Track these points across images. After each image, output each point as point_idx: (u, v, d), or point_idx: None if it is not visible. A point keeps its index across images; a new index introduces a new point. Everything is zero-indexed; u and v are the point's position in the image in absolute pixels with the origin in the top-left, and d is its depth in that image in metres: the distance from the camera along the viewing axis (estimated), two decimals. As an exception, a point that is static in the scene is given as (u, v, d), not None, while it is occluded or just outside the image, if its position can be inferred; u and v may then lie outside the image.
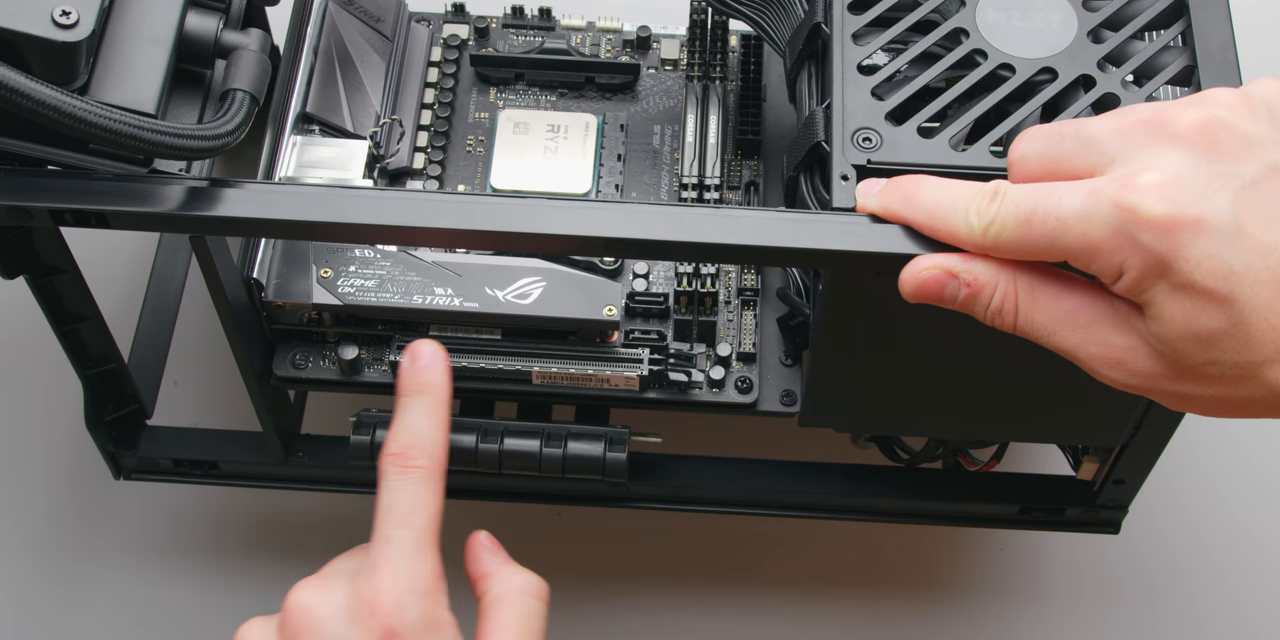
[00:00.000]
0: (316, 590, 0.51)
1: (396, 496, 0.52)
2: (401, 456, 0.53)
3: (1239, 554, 0.76)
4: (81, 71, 0.51)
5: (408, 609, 0.50)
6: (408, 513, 0.52)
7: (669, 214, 0.52)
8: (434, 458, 0.53)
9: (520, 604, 0.53)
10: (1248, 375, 0.47)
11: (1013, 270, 0.49)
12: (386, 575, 0.50)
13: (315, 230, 0.53)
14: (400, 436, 0.53)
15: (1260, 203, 0.46)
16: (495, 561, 0.54)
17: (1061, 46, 0.56)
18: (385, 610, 0.50)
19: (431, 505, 0.53)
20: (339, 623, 0.50)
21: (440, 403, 0.54)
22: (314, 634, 0.50)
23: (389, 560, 0.51)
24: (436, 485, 0.53)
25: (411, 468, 0.53)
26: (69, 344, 0.63)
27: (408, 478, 0.53)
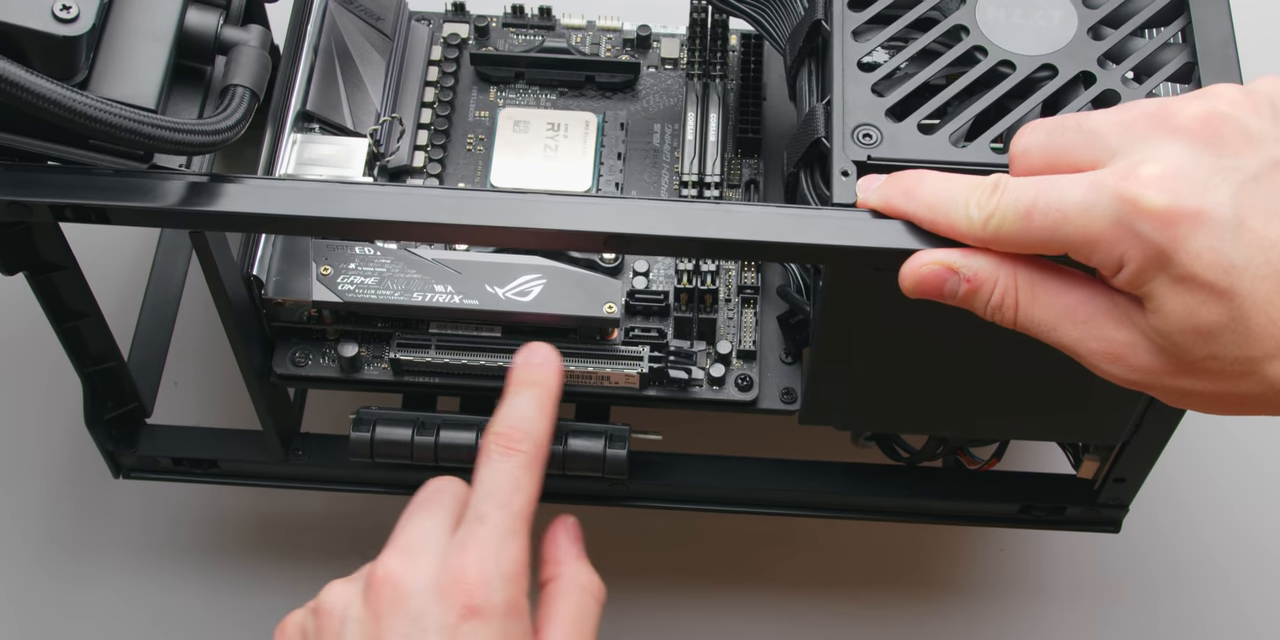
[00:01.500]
0: (404, 563, 0.51)
1: (497, 476, 0.53)
2: (507, 437, 0.54)
3: (1240, 553, 0.76)
4: (82, 66, 0.51)
5: (494, 591, 0.50)
6: (507, 494, 0.52)
7: (669, 209, 0.52)
8: (537, 444, 0.54)
9: (581, 602, 0.54)
10: (1248, 371, 0.47)
11: (1013, 265, 0.49)
12: (476, 555, 0.51)
13: (315, 225, 0.53)
14: (508, 419, 0.54)
15: (1261, 197, 0.46)
16: (570, 553, 0.55)
17: (1061, 43, 0.56)
18: (472, 589, 0.50)
19: (529, 490, 0.53)
20: (425, 597, 0.50)
21: (550, 396, 0.55)
22: (399, 608, 0.50)
23: (482, 540, 0.51)
24: (536, 472, 0.53)
25: (515, 450, 0.53)
26: (68, 341, 0.63)
27: (510, 459, 0.53)
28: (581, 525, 0.56)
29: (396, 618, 0.50)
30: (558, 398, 0.56)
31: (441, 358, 0.62)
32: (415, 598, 0.50)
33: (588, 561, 0.55)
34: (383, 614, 0.50)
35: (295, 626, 0.53)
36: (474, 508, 0.52)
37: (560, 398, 0.56)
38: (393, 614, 0.50)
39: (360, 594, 0.51)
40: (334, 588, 0.53)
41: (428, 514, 0.53)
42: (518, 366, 0.56)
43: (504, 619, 0.50)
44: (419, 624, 0.50)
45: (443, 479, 0.55)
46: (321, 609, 0.52)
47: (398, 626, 0.50)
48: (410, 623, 0.50)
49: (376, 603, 0.51)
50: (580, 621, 0.53)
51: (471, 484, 0.53)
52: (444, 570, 0.50)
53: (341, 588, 0.52)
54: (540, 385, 0.55)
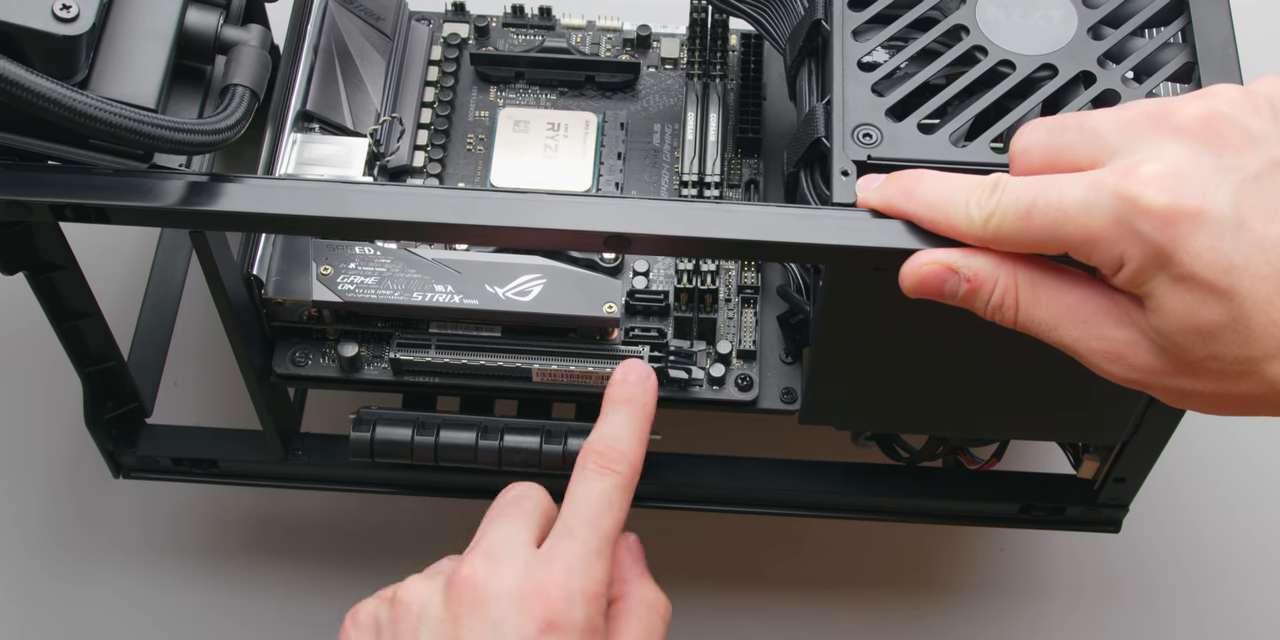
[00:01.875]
0: (488, 567, 0.51)
1: (591, 495, 0.53)
2: (604, 456, 0.54)
3: (1240, 553, 0.76)
4: (82, 66, 0.51)
5: (575, 607, 0.50)
6: (597, 513, 0.53)
7: (669, 209, 0.52)
8: (632, 467, 0.54)
9: (648, 621, 0.54)
10: (1248, 371, 0.47)
11: (1013, 265, 0.49)
12: (562, 571, 0.51)
13: (316, 225, 0.53)
14: (606, 438, 0.55)
15: (1262, 197, 0.46)
16: (634, 571, 0.55)
17: (1061, 43, 0.56)
18: (554, 603, 0.50)
19: (619, 512, 0.53)
20: (507, 605, 0.50)
21: (645, 417, 0.56)
22: (479, 612, 0.50)
23: (568, 555, 0.51)
24: (627, 494, 0.54)
25: (611, 471, 0.54)
26: (68, 341, 0.62)
27: (605, 479, 0.54)
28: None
29: (476, 621, 0.50)
30: (652, 417, 0.56)
31: (441, 357, 0.62)
32: (496, 604, 0.50)
33: (651, 579, 0.55)
34: (462, 615, 0.50)
35: (369, 615, 0.53)
36: (564, 522, 0.52)
37: (653, 417, 0.56)
38: (472, 616, 0.50)
39: (440, 592, 0.51)
40: (413, 583, 0.52)
41: (511, 521, 0.53)
42: (615, 384, 0.56)
43: (581, 635, 0.50)
44: (498, 630, 0.50)
45: (524, 485, 0.55)
46: (399, 602, 0.52)
47: (476, 630, 0.50)
48: (489, 628, 0.50)
49: (457, 603, 0.51)
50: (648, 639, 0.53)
51: (564, 498, 0.53)
52: (528, 580, 0.51)
53: (421, 584, 0.52)
54: (637, 404, 0.56)
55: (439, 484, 0.68)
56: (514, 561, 0.51)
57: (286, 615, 0.74)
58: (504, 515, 0.54)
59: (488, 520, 0.54)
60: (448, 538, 0.74)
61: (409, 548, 0.74)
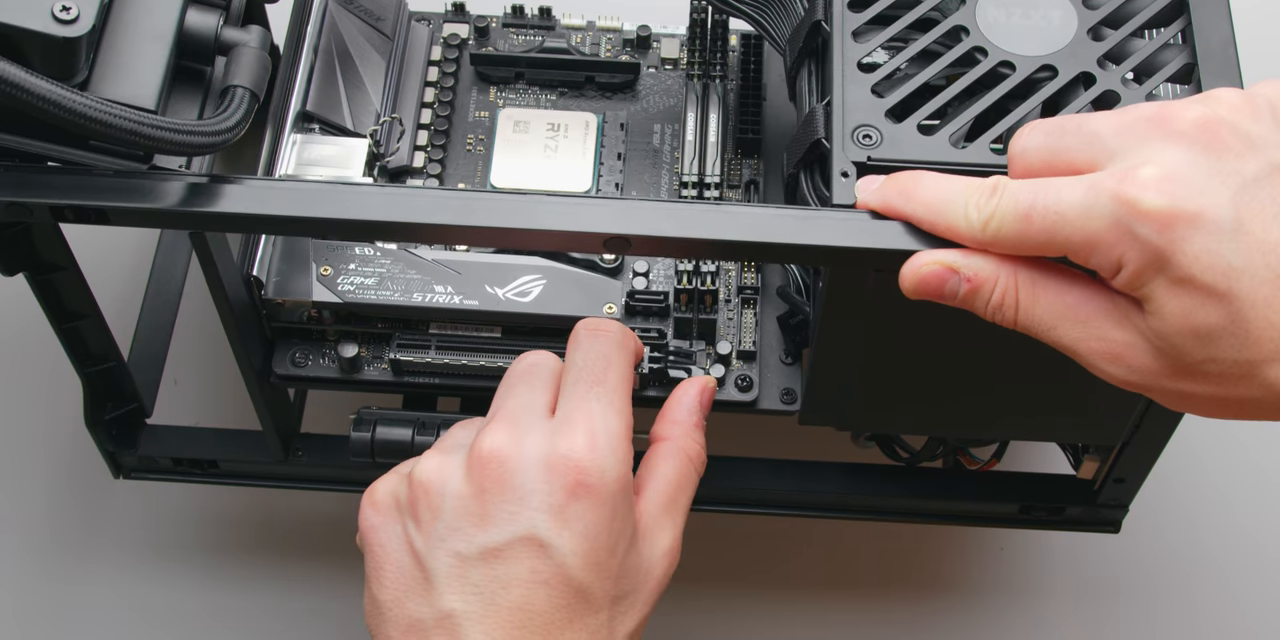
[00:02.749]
0: (510, 438, 0.51)
1: (590, 355, 0.53)
2: (592, 324, 0.54)
3: (1239, 554, 0.76)
4: (81, 67, 0.51)
5: (606, 467, 0.50)
6: (601, 370, 0.53)
7: (669, 210, 0.52)
8: (624, 330, 0.55)
9: (683, 470, 0.54)
10: (1247, 374, 0.47)
11: (1013, 265, 0.49)
12: (585, 430, 0.51)
13: (315, 227, 0.53)
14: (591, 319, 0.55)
15: (1261, 201, 0.46)
16: (690, 419, 0.56)
17: (1061, 44, 0.56)
18: (584, 465, 0.50)
19: (621, 367, 0.53)
20: (533, 473, 0.50)
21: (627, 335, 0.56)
22: (505, 483, 0.50)
23: (588, 415, 0.51)
24: (626, 355, 0.54)
25: (601, 331, 0.54)
26: (68, 342, 0.63)
27: (598, 338, 0.54)
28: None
29: (504, 493, 0.50)
30: (633, 350, 0.56)
31: (441, 358, 0.62)
32: (523, 474, 0.50)
33: (703, 430, 0.55)
34: (487, 488, 0.50)
35: (387, 493, 0.53)
36: (572, 385, 0.52)
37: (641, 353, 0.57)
38: (499, 490, 0.50)
39: (461, 467, 0.51)
40: (430, 458, 0.52)
41: (527, 387, 0.53)
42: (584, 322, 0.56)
43: (614, 496, 0.50)
44: (527, 502, 0.50)
45: (538, 352, 0.55)
46: (417, 480, 0.52)
47: (504, 503, 0.50)
48: (518, 500, 0.50)
49: (481, 477, 0.50)
50: (679, 489, 0.54)
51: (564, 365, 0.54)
52: (553, 446, 0.50)
53: (439, 459, 0.52)
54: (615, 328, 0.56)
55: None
56: (535, 429, 0.51)
57: (286, 616, 0.74)
58: (520, 383, 0.53)
59: (503, 389, 0.53)
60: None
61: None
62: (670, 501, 0.54)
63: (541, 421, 0.51)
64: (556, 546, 0.50)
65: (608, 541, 0.50)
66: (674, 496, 0.54)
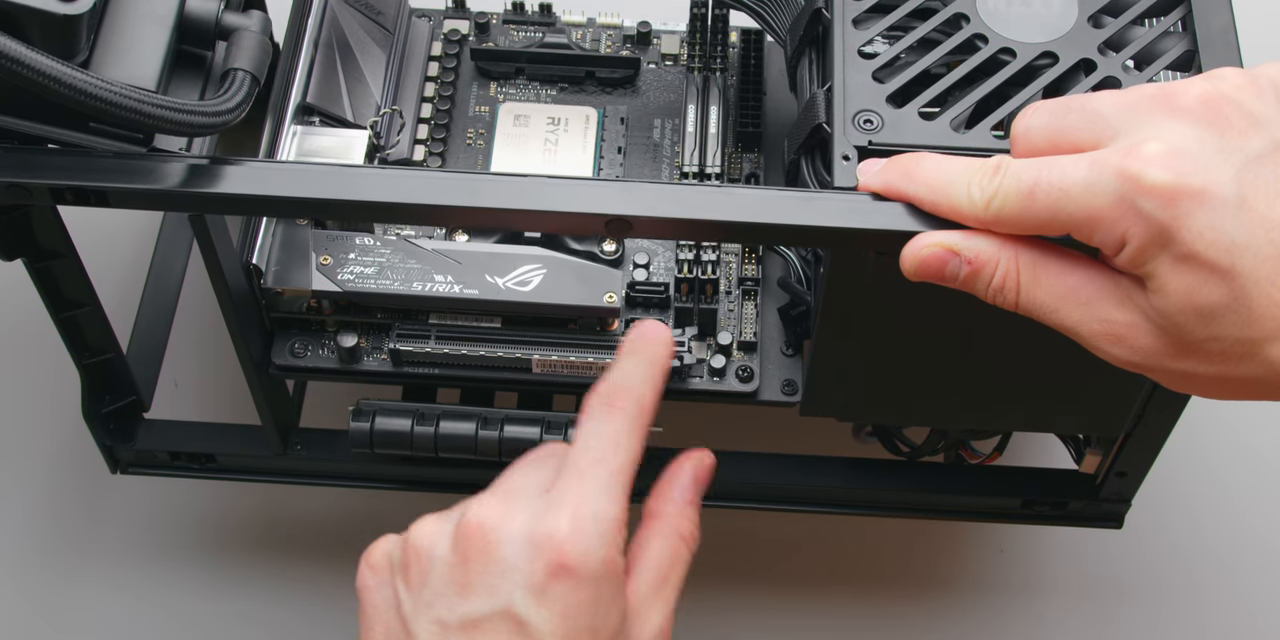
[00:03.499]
0: (499, 511, 0.50)
1: (598, 433, 0.52)
2: (608, 396, 0.53)
3: (1243, 549, 0.75)
4: (82, 47, 0.51)
5: (590, 550, 0.49)
6: (607, 450, 0.52)
7: (671, 192, 0.52)
8: (639, 406, 0.53)
9: (675, 550, 0.53)
10: (1249, 352, 0.46)
11: (1014, 247, 0.49)
12: (572, 511, 0.50)
13: (316, 207, 0.53)
14: (612, 379, 0.53)
15: (1264, 178, 0.46)
16: (684, 494, 0.54)
17: (1062, 31, 0.57)
18: (565, 546, 0.49)
19: (629, 449, 0.52)
20: (516, 548, 0.49)
21: (658, 366, 0.54)
22: (488, 556, 0.49)
23: (579, 495, 0.50)
24: (637, 433, 0.53)
25: (617, 408, 0.53)
26: (67, 332, 0.62)
27: (611, 416, 0.52)
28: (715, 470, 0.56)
29: (485, 565, 0.49)
30: (666, 370, 0.55)
31: (441, 348, 0.62)
32: (505, 546, 0.49)
33: (697, 508, 0.54)
34: (470, 558, 0.50)
35: (383, 555, 0.53)
36: (572, 462, 0.51)
37: (669, 372, 0.55)
38: (481, 560, 0.49)
39: (450, 535, 0.51)
40: (426, 523, 0.52)
41: (531, 468, 0.53)
42: (628, 340, 0.55)
43: (596, 581, 0.49)
44: (507, 576, 0.49)
45: (555, 443, 0.55)
46: (410, 543, 0.51)
47: (486, 575, 0.49)
48: (499, 573, 0.49)
49: (466, 546, 0.50)
50: (671, 568, 0.53)
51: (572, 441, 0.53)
52: (538, 524, 0.49)
53: (433, 525, 0.51)
54: (647, 353, 0.54)
55: (439, 479, 0.68)
56: (525, 504, 0.50)
57: (284, 611, 0.73)
58: (526, 465, 0.53)
59: (508, 470, 0.53)
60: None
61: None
62: (661, 581, 0.52)
63: (534, 497, 0.51)
64: (535, 625, 0.49)
65: (589, 623, 0.49)
66: (665, 576, 0.52)
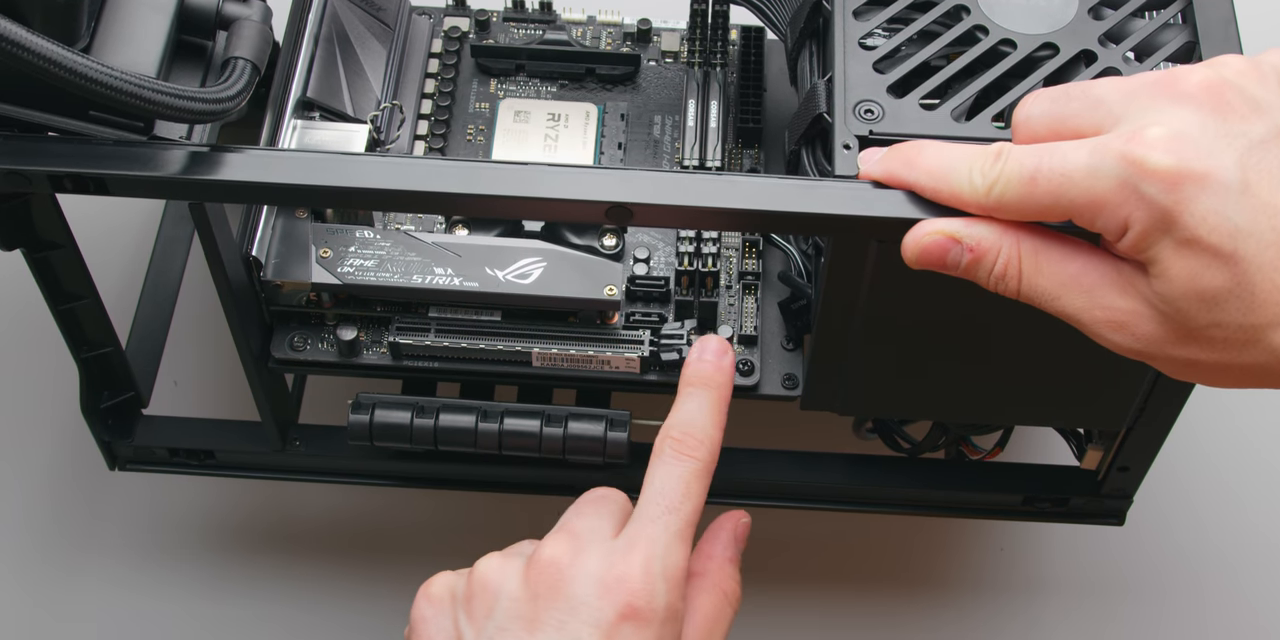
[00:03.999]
0: (570, 551, 0.51)
1: (670, 481, 0.53)
2: (681, 443, 0.54)
3: (1246, 546, 0.75)
4: (83, 34, 0.51)
5: (656, 594, 0.50)
6: (678, 499, 0.53)
7: (672, 180, 0.52)
8: (710, 452, 0.54)
9: (719, 606, 0.54)
10: (1252, 339, 0.46)
11: (1016, 234, 0.49)
12: (644, 556, 0.51)
13: (317, 195, 0.53)
14: (682, 424, 0.55)
15: (1267, 163, 0.46)
16: (726, 553, 0.55)
17: (1062, 23, 0.57)
18: (635, 589, 0.50)
19: (698, 498, 0.53)
20: (587, 588, 0.50)
21: (723, 400, 0.56)
22: (559, 592, 0.50)
23: (651, 542, 0.51)
24: (706, 480, 0.54)
25: (690, 457, 0.54)
26: (65, 324, 0.62)
27: (683, 465, 0.54)
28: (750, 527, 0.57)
29: (555, 602, 0.50)
30: (728, 398, 0.56)
31: (441, 341, 0.61)
32: (577, 585, 0.50)
33: (738, 566, 0.56)
34: (540, 595, 0.50)
35: (444, 588, 0.53)
36: (643, 508, 0.53)
37: (730, 398, 0.56)
38: (551, 597, 0.50)
39: (520, 572, 0.51)
40: (492, 560, 0.52)
41: (594, 511, 0.53)
42: (691, 364, 0.56)
43: (661, 624, 0.50)
44: (577, 614, 0.50)
45: (607, 488, 0.56)
46: (477, 577, 0.52)
47: (555, 612, 0.50)
48: (568, 610, 0.50)
49: (536, 583, 0.51)
50: (715, 624, 0.53)
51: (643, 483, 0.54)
52: (609, 566, 0.51)
53: (499, 561, 0.52)
54: (714, 387, 0.56)
55: (438, 475, 0.68)
56: (596, 547, 0.51)
57: (283, 607, 0.73)
58: (588, 507, 0.54)
59: (571, 511, 0.54)
60: (447, 531, 0.74)
61: (407, 541, 0.74)
62: (706, 636, 0.53)
63: (604, 540, 0.52)
64: None
65: None
66: (710, 631, 0.53)
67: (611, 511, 0.54)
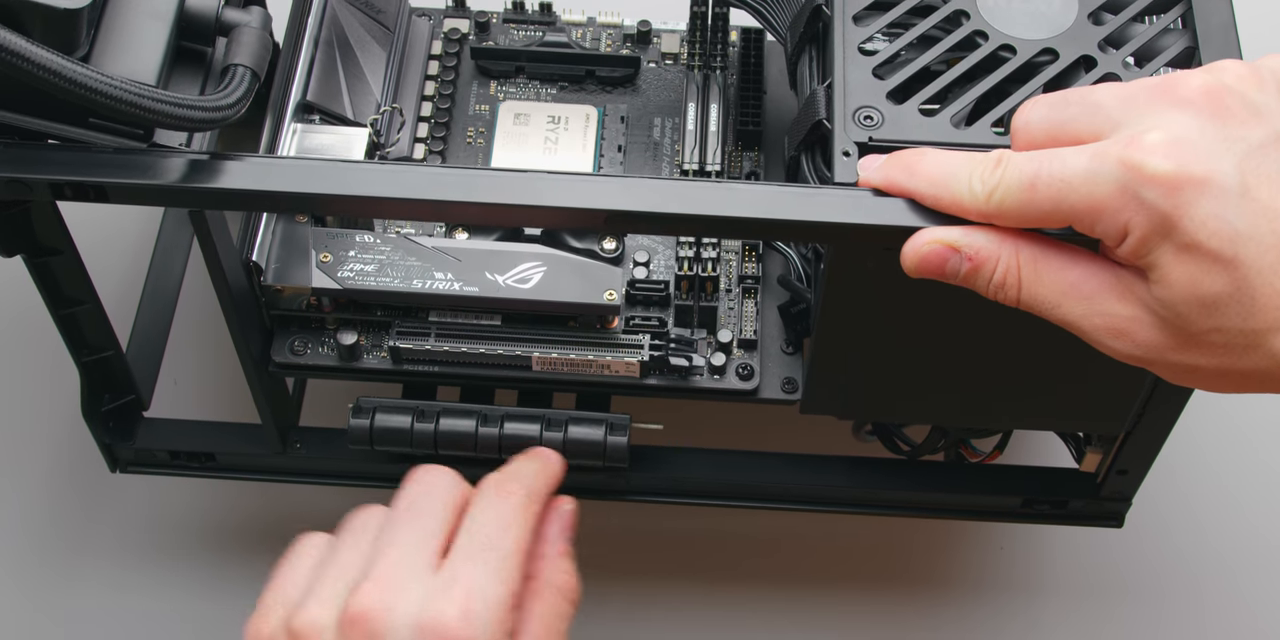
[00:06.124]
0: (383, 599, 0.50)
1: (488, 515, 0.53)
2: (500, 482, 0.54)
3: (1244, 548, 0.75)
4: (82, 42, 0.51)
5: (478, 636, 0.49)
6: (495, 535, 0.52)
7: (671, 188, 0.52)
8: (529, 491, 0.54)
9: (555, 605, 0.53)
10: (1252, 344, 0.46)
11: (1015, 242, 0.49)
12: (462, 597, 0.50)
13: (317, 203, 0.53)
14: (506, 470, 0.56)
15: (1266, 168, 0.46)
16: (555, 546, 0.55)
17: (1062, 28, 0.57)
18: (457, 635, 0.49)
19: (520, 531, 0.53)
20: (405, 635, 0.49)
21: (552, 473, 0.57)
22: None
23: (469, 579, 0.50)
24: (527, 516, 0.54)
25: (509, 492, 0.54)
26: (66, 329, 0.62)
27: (503, 500, 0.53)
28: (579, 521, 0.57)
29: None
30: (558, 480, 0.57)
31: (441, 346, 0.61)
32: (394, 634, 0.49)
33: (569, 558, 0.55)
34: None
35: None
36: (460, 547, 0.52)
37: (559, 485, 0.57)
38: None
39: (335, 625, 0.50)
40: (310, 608, 0.51)
41: (411, 534, 0.52)
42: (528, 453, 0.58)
43: None
44: None
45: (432, 471, 0.54)
46: (294, 631, 0.51)
47: None
48: None
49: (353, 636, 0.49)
50: (553, 623, 0.53)
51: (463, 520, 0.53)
52: (425, 610, 0.49)
53: (318, 611, 0.51)
54: (542, 458, 0.57)
55: (438, 478, 0.68)
56: (412, 588, 0.50)
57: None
58: (407, 524, 0.53)
59: (390, 523, 0.53)
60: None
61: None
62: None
63: (421, 577, 0.50)
64: None
65: None
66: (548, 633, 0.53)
67: (431, 524, 0.52)
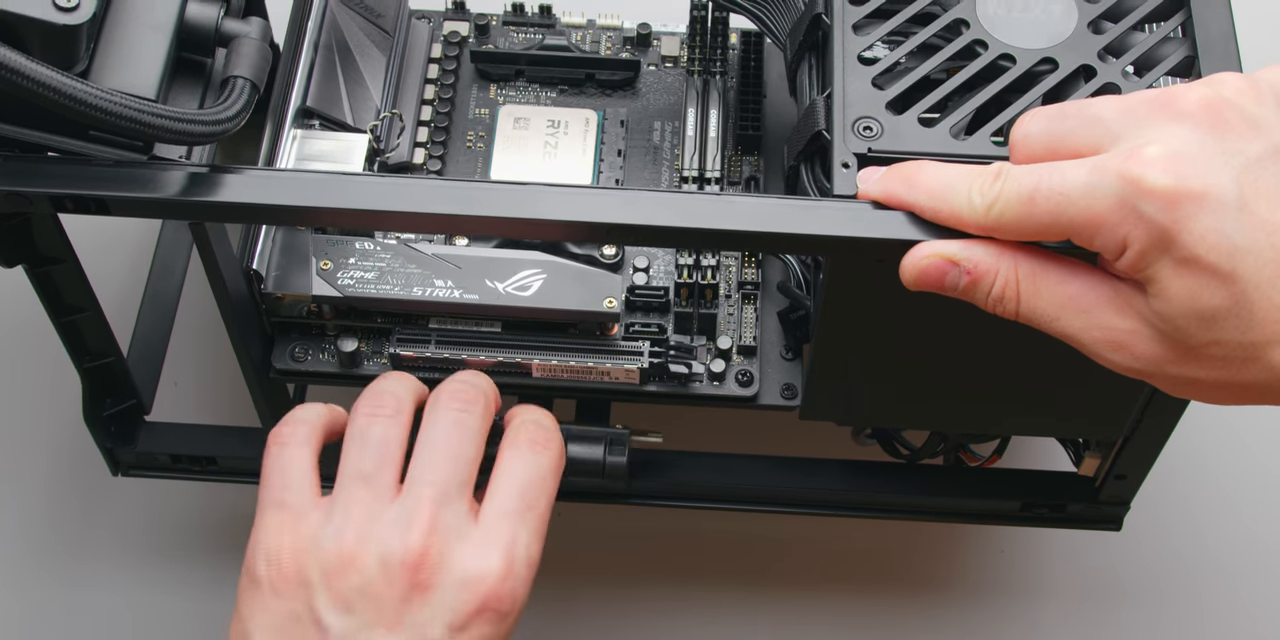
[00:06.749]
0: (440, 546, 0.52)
1: (530, 473, 0.55)
2: (535, 434, 0.56)
3: (1243, 552, 0.75)
4: (82, 57, 0.51)
5: (519, 596, 0.53)
6: (535, 496, 0.54)
7: (670, 200, 0.52)
8: (561, 444, 0.57)
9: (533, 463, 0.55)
10: (1251, 357, 0.47)
11: (1013, 256, 0.49)
12: (505, 557, 0.52)
13: (317, 216, 0.53)
14: (535, 418, 0.57)
15: (1265, 182, 0.46)
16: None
17: (1062, 37, 0.57)
18: (499, 592, 0.52)
19: (553, 492, 0.55)
20: (452, 589, 0.52)
21: None
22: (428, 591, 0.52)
23: (511, 541, 0.53)
24: (559, 473, 0.56)
25: (545, 450, 0.56)
26: (67, 336, 0.62)
27: (541, 456, 0.55)
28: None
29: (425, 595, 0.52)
30: None
31: (441, 353, 0.62)
32: (441, 590, 0.52)
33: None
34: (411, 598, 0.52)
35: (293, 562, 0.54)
36: (504, 502, 0.54)
37: None
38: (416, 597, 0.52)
39: (379, 564, 0.52)
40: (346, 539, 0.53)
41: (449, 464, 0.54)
42: None
43: (514, 620, 0.53)
44: (440, 615, 0.52)
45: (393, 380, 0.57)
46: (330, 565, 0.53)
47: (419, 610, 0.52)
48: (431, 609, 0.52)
49: (402, 581, 0.52)
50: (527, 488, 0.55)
51: None
52: (472, 568, 0.52)
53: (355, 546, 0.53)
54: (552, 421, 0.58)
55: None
56: (458, 541, 0.53)
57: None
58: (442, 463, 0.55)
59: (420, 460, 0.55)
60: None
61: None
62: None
63: (464, 528, 0.53)
64: None
65: None
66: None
67: (463, 480, 0.54)
